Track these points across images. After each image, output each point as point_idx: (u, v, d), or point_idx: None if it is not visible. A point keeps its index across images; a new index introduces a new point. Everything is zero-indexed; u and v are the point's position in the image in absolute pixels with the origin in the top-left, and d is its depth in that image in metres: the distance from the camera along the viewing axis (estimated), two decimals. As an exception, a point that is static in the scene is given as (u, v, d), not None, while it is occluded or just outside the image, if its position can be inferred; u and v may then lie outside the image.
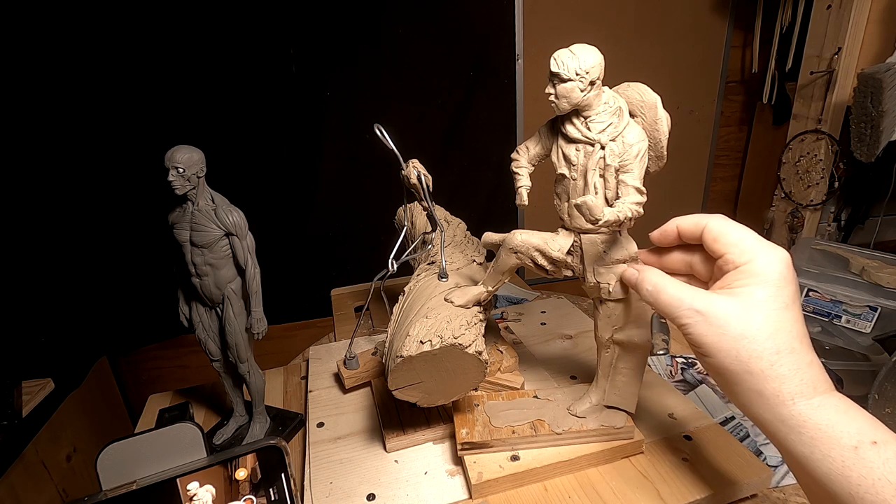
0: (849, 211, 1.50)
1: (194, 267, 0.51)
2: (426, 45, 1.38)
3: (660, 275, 0.37)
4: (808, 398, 0.31)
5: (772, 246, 0.34)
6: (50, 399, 1.11)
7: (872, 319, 0.85)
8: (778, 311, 0.32)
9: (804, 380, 0.31)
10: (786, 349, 0.32)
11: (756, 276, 0.33)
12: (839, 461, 0.29)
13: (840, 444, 0.29)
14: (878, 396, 0.62)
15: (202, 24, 1.23)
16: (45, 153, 1.22)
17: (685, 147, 1.77)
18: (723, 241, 0.35)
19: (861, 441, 0.29)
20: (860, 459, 0.28)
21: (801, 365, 0.31)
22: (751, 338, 0.32)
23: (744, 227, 0.35)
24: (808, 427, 0.30)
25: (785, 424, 0.31)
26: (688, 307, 0.34)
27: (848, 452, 0.29)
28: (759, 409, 0.32)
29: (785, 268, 0.33)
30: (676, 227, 0.39)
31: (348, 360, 0.62)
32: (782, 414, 0.31)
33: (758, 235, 0.35)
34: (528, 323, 0.76)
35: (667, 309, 0.35)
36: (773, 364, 0.31)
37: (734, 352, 0.32)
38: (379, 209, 0.96)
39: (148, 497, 0.44)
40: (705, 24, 1.64)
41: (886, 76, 1.13)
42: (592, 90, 0.39)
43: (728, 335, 0.32)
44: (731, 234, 0.35)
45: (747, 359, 0.32)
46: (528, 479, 0.47)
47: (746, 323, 0.32)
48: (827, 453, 0.29)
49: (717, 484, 0.45)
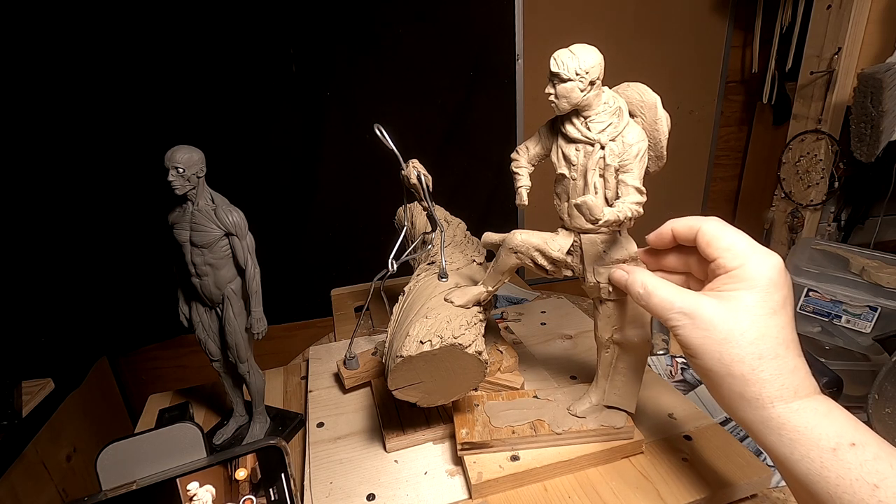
0: (849, 211, 1.50)
1: (194, 267, 0.51)
2: (426, 45, 1.38)
3: (650, 276, 0.38)
4: (788, 402, 0.31)
5: (764, 251, 0.34)
6: (50, 399, 1.11)
7: (872, 319, 0.85)
8: (764, 316, 0.33)
9: (785, 384, 0.32)
10: (769, 355, 0.32)
11: (745, 280, 0.33)
12: (818, 462, 0.30)
13: (819, 445, 0.30)
14: (878, 396, 0.62)
15: (202, 24, 1.23)
16: (45, 153, 1.22)
17: (685, 147, 1.77)
18: (715, 245, 0.35)
19: (839, 443, 0.29)
20: (838, 461, 0.29)
21: (783, 370, 0.32)
22: (734, 342, 0.32)
23: (737, 232, 0.35)
24: (787, 429, 0.31)
25: (766, 426, 0.32)
26: (678, 309, 0.34)
27: (826, 454, 0.29)
28: (742, 411, 0.33)
29: (776, 273, 0.33)
30: (671, 230, 0.39)
31: (348, 360, 0.62)
32: (762, 416, 0.32)
33: (751, 240, 0.35)
34: (528, 323, 0.76)
35: (657, 310, 0.36)
36: (754, 369, 0.32)
37: (717, 354, 0.33)
38: (379, 209, 0.96)
39: (148, 497, 0.44)
40: (705, 24, 1.64)
41: (886, 76, 1.13)
42: (592, 90, 0.39)
43: (713, 338, 0.33)
44: (723, 238, 0.35)
45: (730, 362, 0.32)
46: (528, 479, 0.47)
47: (731, 327, 0.33)
48: (805, 454, 0.30)
49: (717, 484, 0.46)
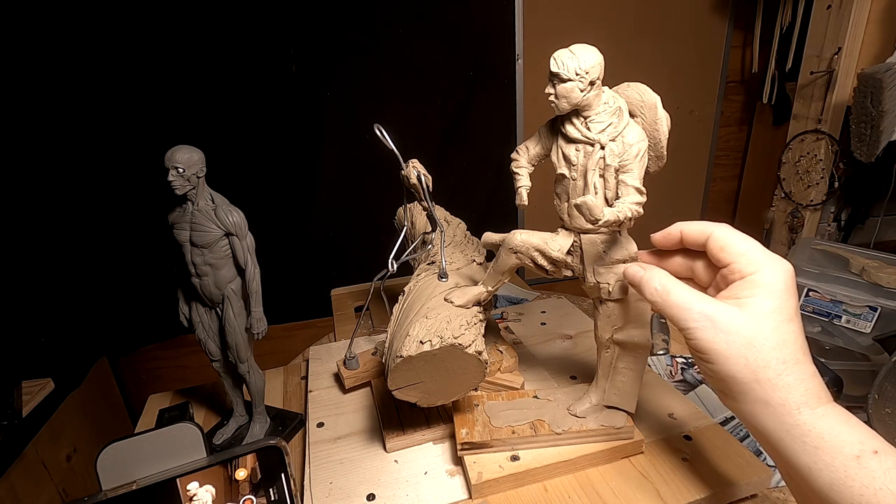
0: (849, 211, 1.50)
1: (194, 267, 0.51)
2: (426, 45, 1.38)
3: (667, 276, 0.37)
4: (813, 408, 0.31)
5: (777, 258, 0.35)
6: (50, 399, 1.11)
7: (872, 319, 0.85)
8: (784, 322, 0.33)
9: (809, 390, 0.32)
10: (791, 360, 0.32)
11: (763, 286, 0.33)
12: (842, 470, 0.29)
13: (843, 453, 0.29)
14: (878, 396, 0.62)
15: (202, 24, 1.23)
16: (45, 153, 1.22)
17: (685, 147, 1.77)
18: (729, 250, 0.35)
19: (863, 451, 0.29)
20: (863, 469, 0.29)
21: (805, 376, 0.32)
22: (759, 347, 0.32)
23: (749, 238, 0.36)
24: (811, 436, 0.31)
25: (789, 434, 0.31)
26: (698, 311, 0.34)
27: (850, 462, 0.29)
28: (764, 419, 0.32)
29: (790, 280, 0.34)
30: (680, 232, 0.39)
31: (348, 360, 0.62)
32: (787, 423, 0.31)
33: (763, 247, 0.35)
34: (528, 323, 0.76)
35: (675, 311, 0.35)
36: (780, 374, 0.32)
37: (743, 360, 0.32)
38: (379, 209, 0.96)
39: (148, 497, 0.44)
40: (705, 24, 1.64)
41: (886, 76, 1.13)
42: (592, 90, 0.39)
43: (737, 343, 0.32)
44: (737, 244, 0.35)
45: (756, 367, 0.32)
46: (528, 479, 0.47)
47: (755, 332, 0.32)
48: (830, 462, 0.30)
49: (717, 484, 0.46)
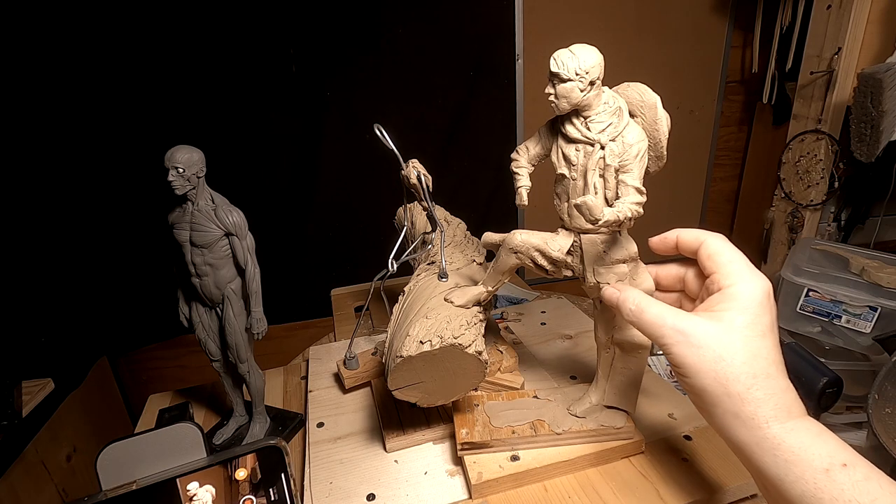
0: (849, 211, 1.50)
1: (194, 267, 0.51)
2: (426, 45, 1.38)
3: (641, 294, 0.38)
4: (783, 422, 0.32)
5: (757, 274, 0.35)
6: (50, 399, 1.11)
7: (872, 319, 0.85)
8: (756, 337, 0.33)
9: (778, 404, 0.32)
10: (762, 374, 0.33)
11: (737, 300, 0.34)
12: (812, 483, 0.30)
13: (812, 466, 0.30)
14: (878, 396, 0.62)
15: (202, 24, 1.23)
16: (45, 153, 1.22)
17: (685, 147, 1.77)
18: (715, 259, 0.36)
19: (832, 464, 0.30)
20: (831, 481, 0.29)
21: (776, 390, 0.32)
22: (728, 361, 0.33)
23: (738, 252, 0.37)
24: (782, 450, 0.31)
25: (760, 447, 0.32)
26: (671, 327, 0.35)
27: (820, 475, 0.30)
28: (736, 431, 0.33)
29: (764, 297, 0.34)
30: (677, 237, 0.40)
31: (348, 360, 0.62)
32: (757, 436, 0.32)
33: (749, 263, 0.36)
34: (528, 323, 0.76)
35: (649, 328, 0.36)
36: (749, 388, 0.32)
37: (713, 373, 0.33)
38: (379, 209, 0.96)
39: (148, 497, 0.44)
40: (705, 24, 1.64)
41: (886, 76, 1.13)
42: (592, 90, 0.39)
43: (707, 357, 0.33)
44: (724, 254, 0.36)
45: (725, 381, 0.33)
46: (528, 479, 0.47)
47: (725, 346, 0.33)
48: (800, 475, 0.30)
49: (717, 484, 0.46)
